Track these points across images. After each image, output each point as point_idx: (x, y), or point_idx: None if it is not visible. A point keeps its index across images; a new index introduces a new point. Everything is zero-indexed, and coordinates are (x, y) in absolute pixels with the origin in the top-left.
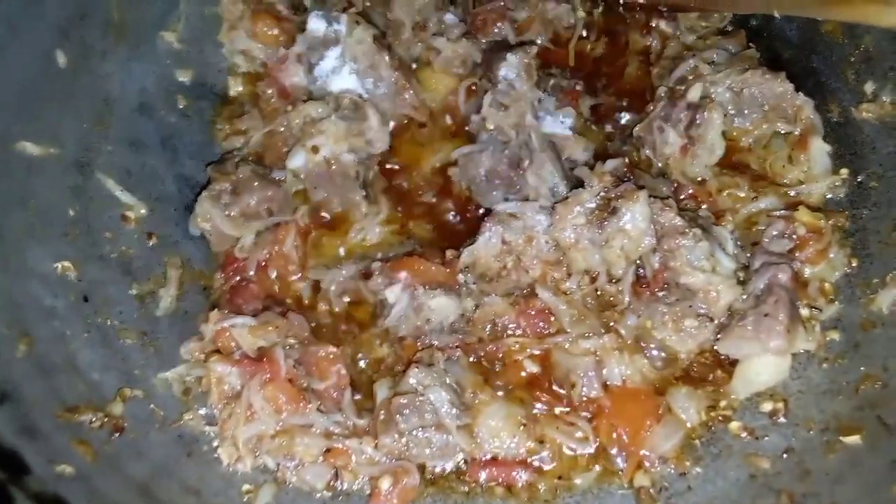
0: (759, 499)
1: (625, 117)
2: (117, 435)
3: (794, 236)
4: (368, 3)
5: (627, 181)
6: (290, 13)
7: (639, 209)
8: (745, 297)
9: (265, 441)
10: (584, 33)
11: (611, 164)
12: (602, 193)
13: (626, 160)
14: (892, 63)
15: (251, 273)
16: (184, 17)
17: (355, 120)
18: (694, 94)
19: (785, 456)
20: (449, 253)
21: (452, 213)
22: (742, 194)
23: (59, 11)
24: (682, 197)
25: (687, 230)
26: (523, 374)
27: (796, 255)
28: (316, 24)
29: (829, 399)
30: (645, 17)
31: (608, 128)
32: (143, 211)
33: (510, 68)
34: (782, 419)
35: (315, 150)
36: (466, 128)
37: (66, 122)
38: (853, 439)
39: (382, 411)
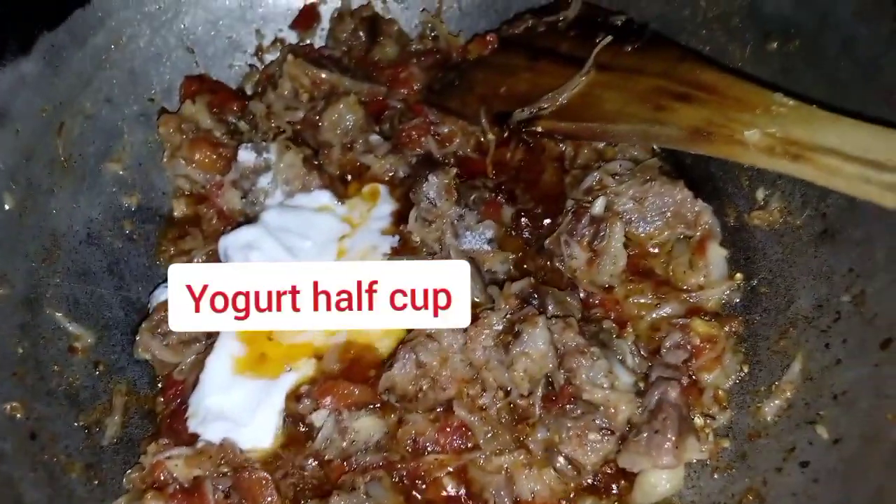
0: None
1: (542, 224)
2: None
3: (690, 346)
4: (299, 126)
5: (533, 302)
6: (227, 138)
7: (538, 334)
8: (640, 410)
9: None
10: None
11: (517, 286)
12: (508, 316)
13: (532, 279)
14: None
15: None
16: (128, 145)
17: None
18: (598, 208)
19: None
20: (373, 371)
21: None
22: (646, 301)
23: (4, 156)
24: (591, 305)
25: (586, 350)
26: (444, 492)
27: (692, 363)
28: (245, 157)
29: None
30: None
31: (526, 234)
32: (90, 340)
33: (431, 188)
34: None
35: None
36: None
37: (15, 262)
38: None
39: None
